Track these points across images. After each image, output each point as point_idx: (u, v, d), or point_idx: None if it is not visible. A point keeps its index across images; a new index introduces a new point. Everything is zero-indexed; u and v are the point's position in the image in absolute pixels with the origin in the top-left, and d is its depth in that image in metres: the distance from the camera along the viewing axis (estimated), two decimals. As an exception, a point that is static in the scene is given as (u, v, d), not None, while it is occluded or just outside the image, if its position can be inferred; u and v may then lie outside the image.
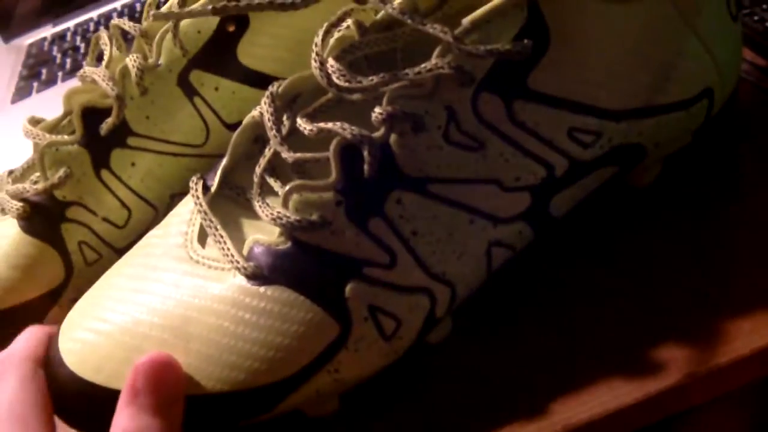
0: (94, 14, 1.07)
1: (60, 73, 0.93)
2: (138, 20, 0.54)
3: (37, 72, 0.96)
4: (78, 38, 1.01)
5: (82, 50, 0.97)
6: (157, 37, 0.52)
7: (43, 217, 0.52)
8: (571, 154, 0.42)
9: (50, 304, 0.52)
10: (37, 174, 0.53)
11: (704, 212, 0.47)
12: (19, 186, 0.52)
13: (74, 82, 0.54)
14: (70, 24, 1.07)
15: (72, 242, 0.52)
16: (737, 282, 0.43)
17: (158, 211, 0.54)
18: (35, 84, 0.92)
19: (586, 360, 0.42)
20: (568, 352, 0.43)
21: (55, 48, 1.01)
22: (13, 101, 0.91)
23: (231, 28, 0.51)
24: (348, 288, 0.39)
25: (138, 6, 1.03)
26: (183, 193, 0.47)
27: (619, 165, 0.44)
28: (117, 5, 1.06)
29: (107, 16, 1.04)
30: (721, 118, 0.48)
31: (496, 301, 0.46)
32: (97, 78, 0.52)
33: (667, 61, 0.43)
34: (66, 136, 0.52)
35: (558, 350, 0.43)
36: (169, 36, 0.51)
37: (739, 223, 0.46)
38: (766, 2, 0.58)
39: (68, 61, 0.96)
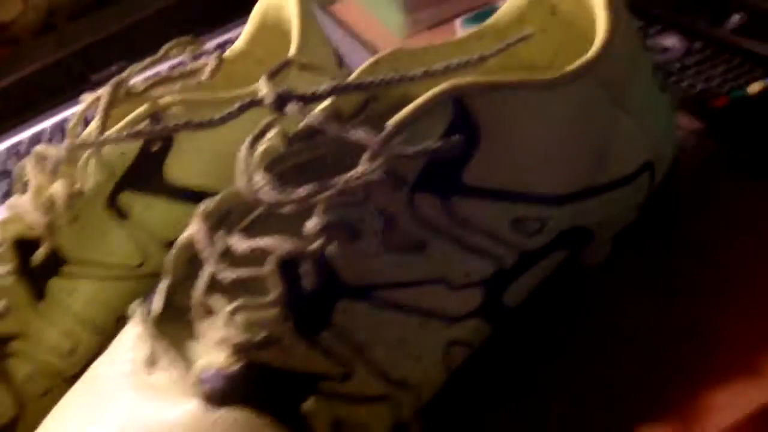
0: (24, 136, 1.05)
1: (-6, 199, 0.91)
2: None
3: (-31, 199, 0.94)
4: (10, 162, 1.00)
5: (13, 174, 0.96)
6: (81, 162, 0.51)
7: (-16, 353, 0.50)
8: (517, 245, 0.41)
9: (3, 441, 0.50)
10: (-26, 309, 0.51)
11: (659, 283, 0.47)
12: (-44, 324, 0.50)
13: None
14: (1, 147, 1.05)
15: (18, 377, 0.50)
16: (705, 352, 0.43)
17: (105, 335, 0.51)
18: (-32, 212, 0.91)
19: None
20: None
21: (-14, 173, 1.00)
22: (-54, 230, 0.89)
23: (155, 148, 0.51)
24: (306, 405, 0.38)
25: (66, 125, 1.02)
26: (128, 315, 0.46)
27: (567, 248, 0.44)
28: (47, 125, 1.05)
29: (38, 137, 1.03)
30: (664, 189, 0.49)
31: (462, 396, 0.45)
32: (22, 210, 0.51)
33: (600, 142, 0.44)
34: (0, 269, 0.50)
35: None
36: (93, 161, 0.51)
37: (700, 292, 0.46)
38: (694, 66, 0.59)
39: (3, 185, 0.94)
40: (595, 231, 0.45)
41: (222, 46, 1.03)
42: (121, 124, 0.51)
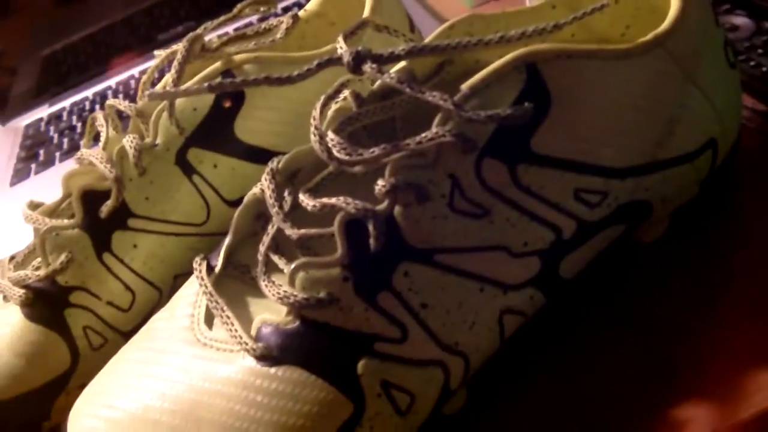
0: (89, 93, 1.07)
1: (57, 154, 0.93)
2: (133, 98, 0.54)
3: (34, 153, 0.96)
4: (74, 118, 1.01)
5: (78, 130, 0.97)
6: (153, 116, 0.52)
7: (46, 303, 0.51)
8: (578, 216, 0.41)
9: (57, 391, 0.51)
10: (39, 260, 0.52)
11: (714, 263, 0.47)
12: (21, 272, 0.52)
13: (72, 163, 0.54)
14: (66, 104, 1.07)
15: (77, 328, 0.51)
16: (750, 332, 0.42)
17: (162, 292, 0.53)
18: (33, 165, 0.92)
19: (603, 423, 0.41)
20: (585, 415, 0.42)
21: (51, 128, 1.01)
22: (12, 183, 0.91)
23: (227, 104, 0.51)
24: (360, 365, 0.38)
25: (132, 83, 1.03)
26: (187, 273, 0.47)
27: (626, 223, 0.44)
28: (111, 83, 1.06)
29: (102, 95, 1.04)
30: (725, 167, 0.48)
31: (509, 368, 0.45)
32: (94, 160, 0.51)
33: (669, 116, 0.43)
34: (66, 221, 0.51)
35: (574, 415, 0.42)
36: (165, 115, 0.51)
37: (750, 272, 0.45)
38: (761, 47, 0.58)
39: (65, 141, 0.95)
40: (655, 206, 0.45)
41: (288, 9, 1.03)
42: (196, 78, 0.52)
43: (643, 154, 0.43)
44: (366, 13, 0.56)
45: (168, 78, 0.52)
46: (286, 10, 1.04)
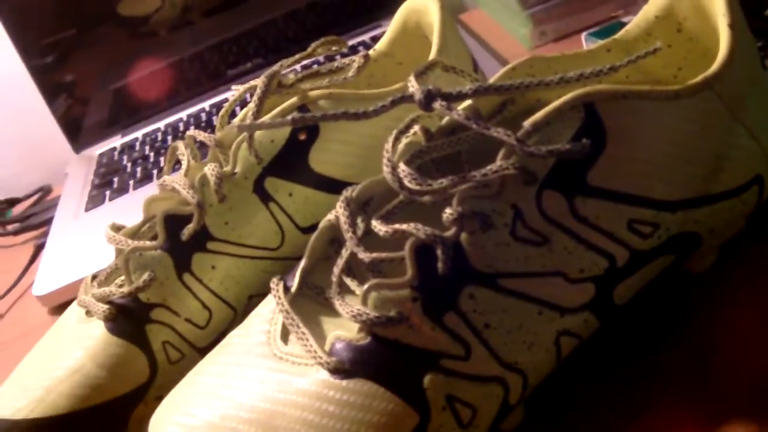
0: (161, 124, 1.11)
1: (131, 182, 0.96)
2: (203, 129, 0.57)
3: (108, 180, 0.99)
4: (147, 148, 1.05)
5: (151, 159, 1.00)
6: (233, 146, 0.55)
7: (128, 318, 0.54)
8: (631, 245, 0.44)
9: (136, 401, 0.53)
10: (122, 278, 0.55)
11: (760, 294, 0.48)
12: (105, 289, 0.54)
13: (145, 190, 0.57)
14: (138, 134, 1.11)
15: (156, 342, 0.54)
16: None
17: (237, 311, 0.56)
18: (108, 192, 0.96)
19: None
20: (637, 435, 0.44)
21: (125, 157, 1.04)
22: (87, 209, 0.94)
23: (302, 137, 0.54)
24: (426, 379, 0.40)
25: (203, 116, 1.06)
26: (260, 294, 0.49)
27: (676, 253, 0.46)
28: (183, 115, 1.10)
29: (174, 126, 1.08)
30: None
31: (564, 388, 0.47)
32: (177, 186, 0.55)
33: (717, 153, 0.46)
34: (149, 242, 0.54)
35: (628, 434, 0.44)
36: (245, 145, 0.54)
37: None
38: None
39: (138, 169, 0.99)
40: (704, 238, 0.47)
41: (354, 48, 1.06)
42: (273, 112, 0.55)
43: (693, 188, 0.45)
44: (432, 54, 0.58)
45: (247, 111, 0.55)
46: (353, 48, 1.07)
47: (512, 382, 0.42)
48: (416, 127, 0.44)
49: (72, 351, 0.54)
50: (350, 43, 1.10)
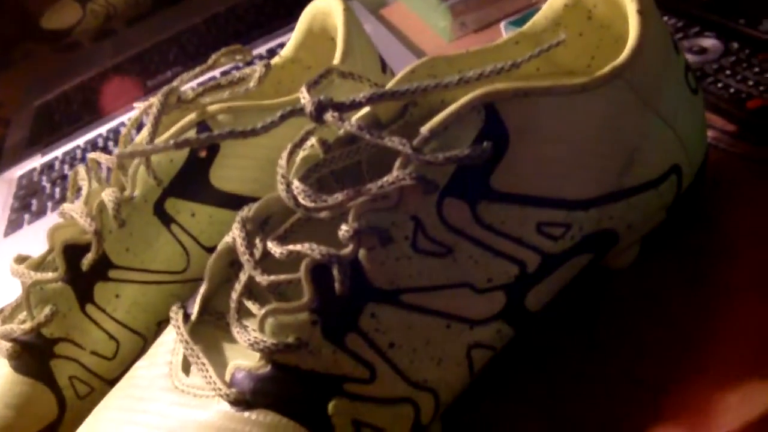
0: (80, 141, 1.08)
1: (50, 203, 0.94)
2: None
3: (27, 203, 0.97)
4: (66, 167, 1.02)
5: (69, 179, 0.98)
6: (131, 168, 0.53)
7: (32, 355, 0.52)
8: (541, 249, 0.42)
9: (46, 440, 0.52)
10: (24, 313, 0.53)
11: (686, 286, 0.48)
12: (8, 326, 0.52)
13: (59, 215, 0.55)
14: (58, 153, 1.08)
15: (63, 378, 0.52)
16: (722, 354, 0.43)
17: (147, 339, 0.54)
18: (26, 216, 0.94)
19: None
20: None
21: (44, 178, 1.02)
22: (6, 234, 0.92)
23: (203, 154, 0.52)
24: (330, 405, 0.39)
25: (122, 130, 1.04)
26: (170, 319, 0.47)
27: (593, 252, 0.45)
28: (102, 131, 1.08)
29: (93, 143, 1.06)
30: (693, 190, 0.49)
31: (483, 400, 0.46)
32: (74, 215, 0.52)
33: (631, 145, 0.44)
34: (50, 274, 0.52)
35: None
36: (143, 167, 0.52)
37: (723, 293, 0.46)
38: (729, 68, 0.59)
39: (57, 190, 0.97)
40: (621, 234, 0.46)
41: (273, 51, 1.05)
42: (171, 131, 0.53)
43: (606, 184, 0.44)
44: (336, 57, 0.57)
45: (144, 132, 0.53)
46: (270, 51, 1.05)
47: (422, 401, 0.41)
48: (313, 139, 0.43)
49: (-21, 392, 0.52)
50: (259, 50, 1.08)
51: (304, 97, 0.41)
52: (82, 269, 0.52)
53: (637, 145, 0.44)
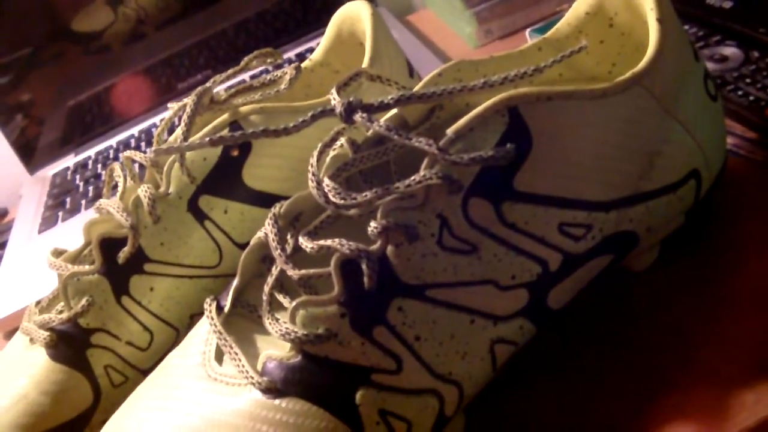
0: (113, 141, 1.10)
1: (83, 202, 0.96)
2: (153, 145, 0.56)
3: (61, 201, 0.99)
4: (99, 166, 1.04)
5: (103, 177, 0.99)
6: (166, 166, 0.54)
7: (69, 344, 0.53)
8: (563, 249, 0.43)
9: (80, 427, 0.53)
10: (62, 304, 0.55)
11: (705, 289, 0.48)
12: (45, 316, 0.54)
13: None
14: (91, 152, 1.10)
15: (98, 367, 0.53)
16: (739, 355, 0.44)
17: (179, 331, 0.55)
18: (60, 213, 0.95)
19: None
20: (579, 438, 0.43)
21: (77, 177, 1.04)
22: (41, 231, 0.93)
23: (235, 153, 0.54)
24: (358, 395, 0.40)
25: (154, 131, 1.05)
26: (202, 312, 0.49)
27: (613, 253, 0.46)
28: (134, 131, 1.10)
29: (126, 143, 1.08)
30: (712, 195, 0.50)
31: (505, 394, 0.47)
32: (111, 210, 0.54)
33: (650, 150, 0.45)
34: (87, 266, 0.54)
35: (569, 437, 0.44)
36: (177, 165, 0.54)
37: (740, 298, 0.47)
38: (749, 76, 0.60)
39: (90, 189, 0.98)
40: (641, 236, 0.46)
41: (302, 56, 1.06)
42: (204, 131, 0.54)
43: (626, 187, 0.45)
44: (365, 62, 0.58)
45: (178, 131, 0.54)
46: (299, 55, 1.07)
47: (447, 393, 0.42)
48: (342, 139, 0.44)
49: (16, 379, 0.54)
50: (289, 54, 1.09)
51: (335, 98, 0.43)
52: (118, 262, 0.54)
53: (657, 150, 0.45)
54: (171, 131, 0.59)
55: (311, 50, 1.07)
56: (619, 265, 0.48)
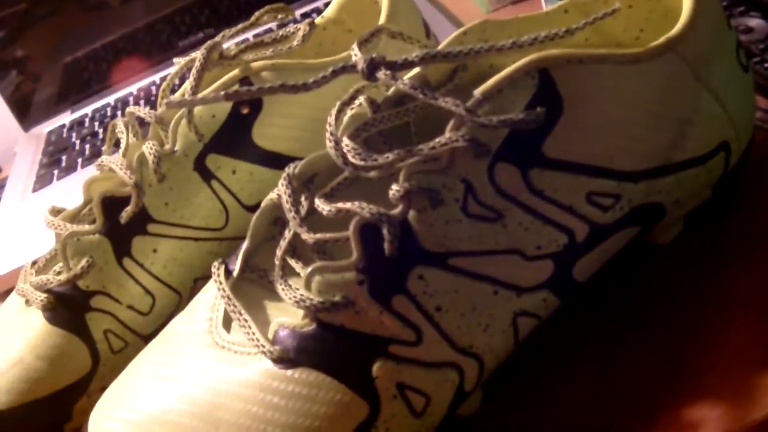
0: (110, 99, 1.08)
1: (79, 160, 0.94)
2: (154, 105, 0.54)
3: (56, 159, 0.97)
4: (96, 124, 1.02)
5: (100, 135, 0.98)
6: (172, 123, 0.52)
7: (67, 307, 0.52)
8: (591, 219, 0.42)
9: (78, 394, 0.52)
10: (60, 264, 0.53)
11: (728, 265, 0.47)
12: (43, 277, 0.52)
13: (93, 169, 0.55)
14: (88, 110, 1.08)
15: (97, 331, 0.52)
16: (765, 333, 0.42)
17: (182, 296, 0.54)
18: (56, 171, 0.93)
19: (617, 423, 0.41)
20: (599, 414, 0.42)
21: (73, 134, 1.02)
22: (35, 190, 0.92)
23: (245, 111, 0.52)
24: (375, 367, 0.39)
25: (153, 89, 1.04)
26: (206, 277, 0.47)
27: (640, 225, 0.44)
28: (133, 89, 1.08)
29: (124, 101, 1.06)
30: (739, 169, 0.48)
31: (524, 370, 0.45)
32: (114, 167, 0.52)
33: (682, 119, 0.44)
34: (87, 226, 0.52)
35: (589, 414, 0.42)
36: (184, 122, 0.52)
37: (764, 274, 0.45)
38: (777, 48, 0.58)
39: (87, 147, 0.96)
40: (669, 208, 0.45)
41: (307, 15, 1.04)
42: (214, 86, 0.52)
43: (656, 157, 0.43)
44: (381, 19, 0.56)
45: (186, 86, 0.52)
46: (304, 16, 1.05)
47: (467, 366, 0.40)
48: (361, 98, 0.42)
49: (12, 342, 0.52)
50: (302, 10, 1.07)
51: (356, 55, 0.41)
52: (120, 222, 0.52)
53: (688, 119, 0.44)
54: (173, 91, 0.57)
55: (317, 10, 1.05)
56: (643, 238, 0.46)
